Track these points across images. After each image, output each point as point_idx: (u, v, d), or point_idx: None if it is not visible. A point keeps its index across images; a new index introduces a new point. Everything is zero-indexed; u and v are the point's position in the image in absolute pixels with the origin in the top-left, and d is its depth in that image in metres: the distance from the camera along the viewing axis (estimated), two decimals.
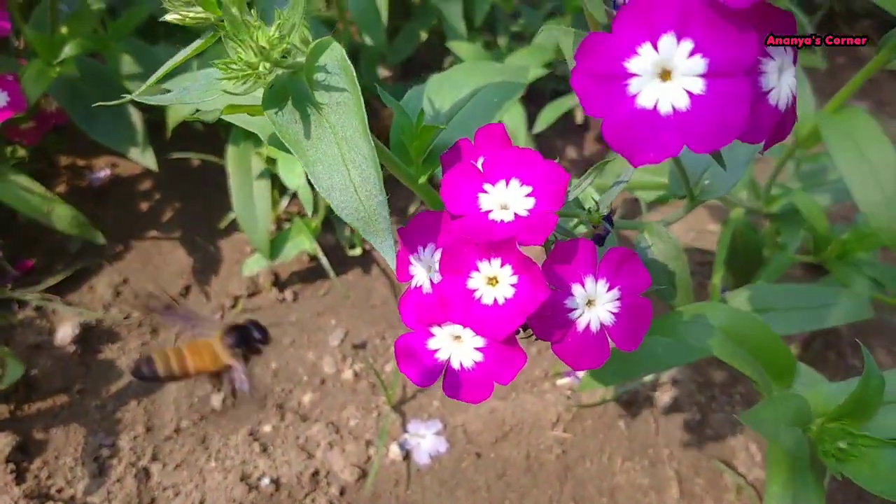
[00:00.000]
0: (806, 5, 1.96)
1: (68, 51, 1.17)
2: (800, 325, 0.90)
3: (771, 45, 0.47)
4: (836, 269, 1.02)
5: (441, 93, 0.79)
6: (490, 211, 0.56)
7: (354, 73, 0.56)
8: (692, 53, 0.43)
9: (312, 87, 0.58)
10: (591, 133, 1.73)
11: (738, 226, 1.12)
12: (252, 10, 0.56)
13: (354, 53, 1.40)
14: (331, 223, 1.45)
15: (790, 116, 0.49)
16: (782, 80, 0.48)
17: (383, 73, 1.66)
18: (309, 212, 1.31)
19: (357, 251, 1.42)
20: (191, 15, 0.56)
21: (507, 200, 0.56)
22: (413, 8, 1.57)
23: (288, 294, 1.39)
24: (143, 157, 1.27)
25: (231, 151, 1.28)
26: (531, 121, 1.48)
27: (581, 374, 1.20)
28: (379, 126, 1.54)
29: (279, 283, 1.40)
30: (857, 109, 0.89)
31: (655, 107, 0.44)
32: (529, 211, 0.55)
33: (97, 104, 0.64)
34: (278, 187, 1.41)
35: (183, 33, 1.43)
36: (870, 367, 0.69)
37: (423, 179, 0.76)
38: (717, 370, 1.29)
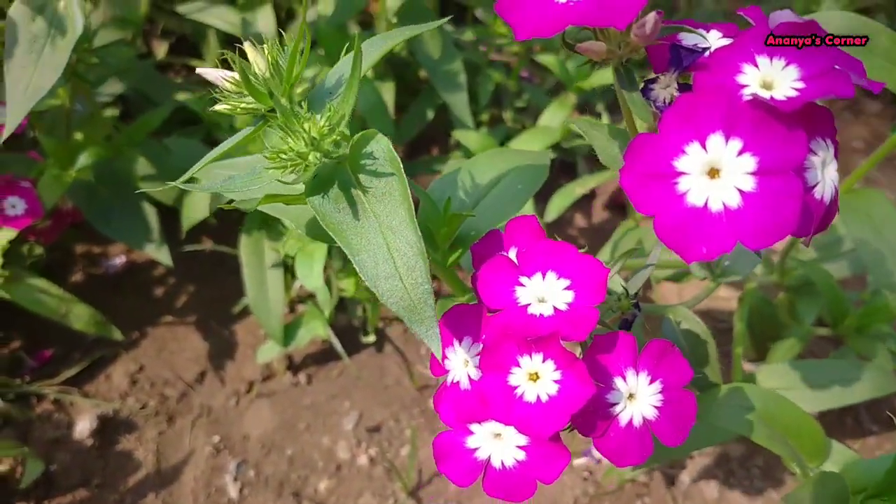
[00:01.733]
0: None
1: (83, 160, 1.20)
2: (828, 401, 0.90)
3: (814, 140, 0.48)
4: (855, 342, 1.02)
5: (465, 182, 0.80)
6: (529, 305, 0.56)
7: (400, 163, 0.58)
8: (741, 152, 0.45)
9: (357, 176, 0.59)
10: (598, 200, 1.74)
11: (753, 300, 1.12)
12: (301, 102, 0.58)
13: None
14: (344, 303, 1.45)
15: (833, 207, 0.50)
16: (826, 174, 0.49)
17: None
18: (326, 313, 1.32)
19: (371, 338, 1.42)
20: (242, 105, 0.57)
21: (544, 294, 0.57)
22: (419, 84, 1.60)
23: (302, 377, 1.38)
24: (159, 254, 1.28)
25: (244, 241, 1.29)
26: (538, 196, 1.49)
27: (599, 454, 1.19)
28: None
29: (293, 366, 1.40)
30: (874, 192, 0.91)
31: (706, 204, 0.45)
32: (569, 305, 0.55)
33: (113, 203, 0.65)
34: (291, 271, 1.42)
35: (197, 125, 1.47)
36: None
37: (449, 264, 0.77)
38: (735, 443, 1.28)
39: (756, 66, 0.46)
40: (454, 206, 0.77)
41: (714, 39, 0.53)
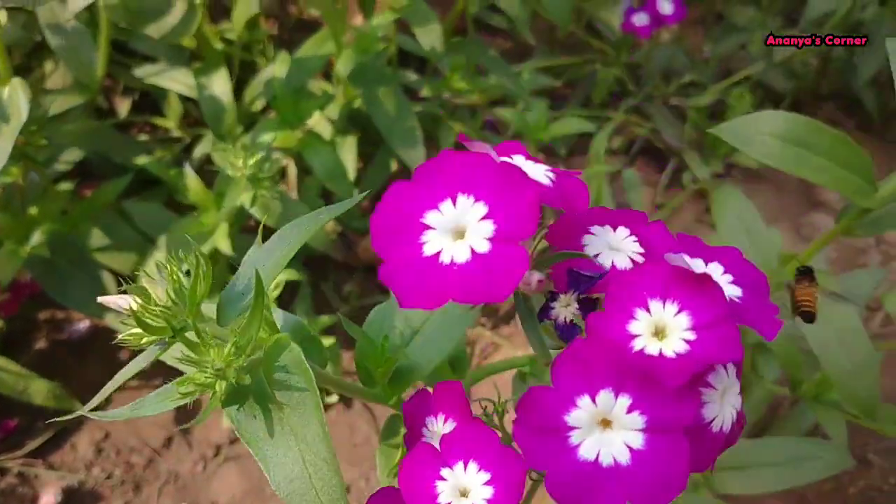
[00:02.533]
0: (772, 96, 2.01)
1: (37, 238, 1.19)
2: (785, 481, 0.89)
3: (713, 373, 0.47)
4: (813, 409, 1.02)
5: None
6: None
7: (312, 375, 0.56)
8: (630, 410, 0.44)
9: (272, 386, 0.57)
10: None
11: None
12: (206, 328, 0.55)
13: (326, 195, 1.42)
14: None
15: (737, 428, 0.49)
16: (725, 402, 0.47)
17: (329, 225, 1.65)
18: None
19: (333, 398, 1.42)
20: (144, 340, 0.54)
21: (466, 486, 0.54)
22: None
23: None
24: (118, 322, 1.27)
25: None
26: None
27: None
28: (355, 258, 1.55)
29: None
30: (820, 272, 0.91)
31: (597, 458, 0.44)
32: (488, 502, 0.53)
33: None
34: None
35: (154, 187, 1.47)
36: None
37: (391, 402, 0.76)
38: None
39: (648, 311, 0.45)
40: (394, 338, 0.75)
41: (620, 241, 0.51)
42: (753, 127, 0.80)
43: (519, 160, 0.51)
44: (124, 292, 0.54)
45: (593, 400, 0.44)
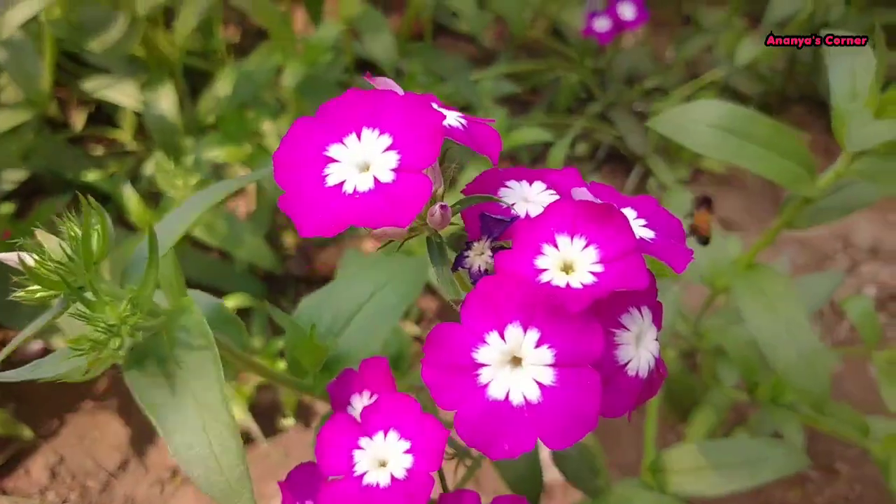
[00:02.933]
0: (739, 100, 2.00)
1: None
2: (739, 482, 0.87)
3: (626, 314, 0.46)
4: (769, 412, 1.00)
5: (338, 296, 0.78)
6: (365, 473, 0.54)
7: (212, 338, 0.55)
8: (539, 344, 0.42)
9: (173, 351, 0.56)
10: None
11: (671, 371, 1.10)
12: (104, 288, 0.55)
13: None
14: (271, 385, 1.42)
15: (655, 378, 0.48)
16: (641, 347, 0.46)
17: (289, 240, 1.63)
18: (245, 395, 1.29)
19: (290, 421, 1.38)
20: (38, 294, 0.54)
21: (385, 456, 0.54)
22: None
23: None
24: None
25: None
26: None
27: None
28: (314, 272, 1.53)
29: None
30: (766, 268, 0.89)
31: (507, 397, 0.43)
32: (408, 472, 0.53)
33: None
34: None
35: (108, 203, 1.44)
36: None
37: (319, 391, 0.74)
38: None
39: (556, 246, 0.44)
40: (322, 328, 0.74)
41: (535, 194, 0.50)
42: (689, 117, 0.79)
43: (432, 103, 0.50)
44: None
45: (502, 336, 0.43)
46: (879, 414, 1.12)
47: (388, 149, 0.44)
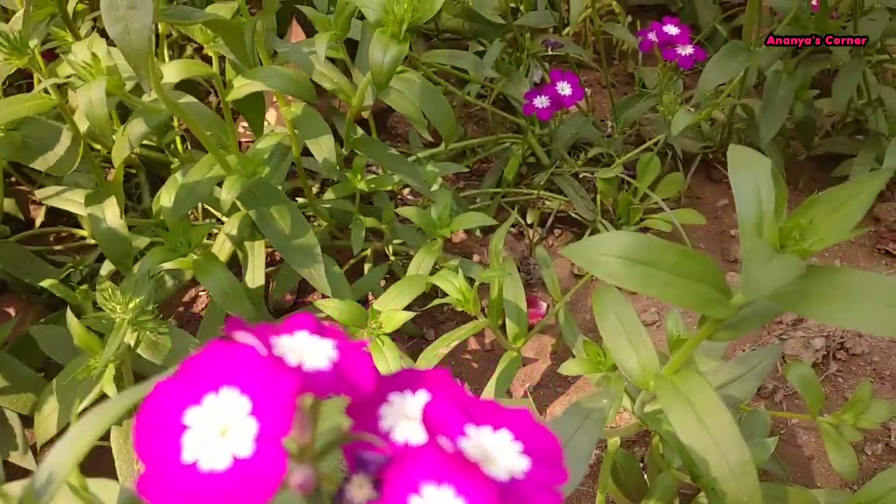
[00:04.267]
0: (683, 158, 2.04)
1: None
2: None
3: None
4: (710, 498, 1.03)
5: None
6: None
7: None
8: None
9: None
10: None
11: (617, 457, 1.13)
12: None
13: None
14: None
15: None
16: None
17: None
18: None
19: None
20: None
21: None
22: None
23: None
24: (24, 461, 1.24)
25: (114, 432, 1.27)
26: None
27: None
28: None
29: None
30: (692, 374, 0.92)
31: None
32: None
33: None
34: None
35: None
36: None
37: None
38: None
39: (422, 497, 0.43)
40: None
41: (417, 409, 0.49)
42: (599, 249, 0.81)
43: (301, 337, 0.48)
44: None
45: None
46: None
47: (248, 414, 0.41)
